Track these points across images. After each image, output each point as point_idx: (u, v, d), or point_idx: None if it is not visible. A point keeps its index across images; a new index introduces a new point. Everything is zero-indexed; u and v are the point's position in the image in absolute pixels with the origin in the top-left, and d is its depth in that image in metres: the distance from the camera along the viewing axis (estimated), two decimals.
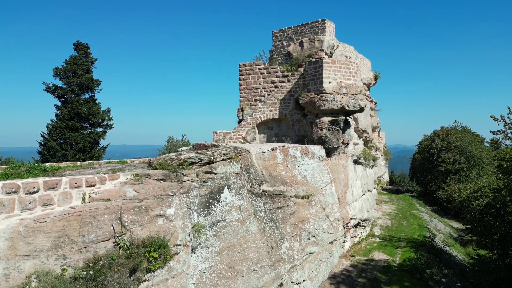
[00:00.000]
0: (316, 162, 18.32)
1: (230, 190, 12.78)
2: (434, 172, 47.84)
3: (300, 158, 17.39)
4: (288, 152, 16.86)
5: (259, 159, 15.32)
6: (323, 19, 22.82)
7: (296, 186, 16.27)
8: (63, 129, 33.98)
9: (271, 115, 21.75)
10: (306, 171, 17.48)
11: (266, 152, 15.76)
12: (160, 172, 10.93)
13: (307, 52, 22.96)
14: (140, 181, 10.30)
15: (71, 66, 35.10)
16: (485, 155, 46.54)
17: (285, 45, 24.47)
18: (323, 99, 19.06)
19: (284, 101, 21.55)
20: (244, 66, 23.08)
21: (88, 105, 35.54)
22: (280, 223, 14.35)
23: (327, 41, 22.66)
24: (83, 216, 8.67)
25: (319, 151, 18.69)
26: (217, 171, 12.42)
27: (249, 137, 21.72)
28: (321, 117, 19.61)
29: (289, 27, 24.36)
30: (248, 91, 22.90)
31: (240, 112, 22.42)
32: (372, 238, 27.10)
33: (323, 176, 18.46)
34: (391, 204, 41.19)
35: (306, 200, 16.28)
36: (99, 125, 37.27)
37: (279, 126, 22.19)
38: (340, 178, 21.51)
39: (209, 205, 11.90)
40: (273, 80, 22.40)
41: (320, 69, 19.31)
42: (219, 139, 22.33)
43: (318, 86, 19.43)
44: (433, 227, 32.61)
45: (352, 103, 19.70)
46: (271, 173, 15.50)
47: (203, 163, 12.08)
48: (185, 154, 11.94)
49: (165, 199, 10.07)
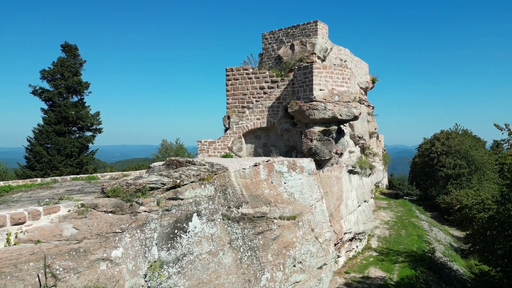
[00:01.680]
0: (305, 177, 16.46)
1: (201, 217, 10.95)
2: (434, 176, 45.90)
3: (287, 174, 15.55)
4: (273, 167, 15.02)
5: (239, 176, 13.49)
6: (315, 21, 20.92)
7: (281, 205, 14.43)
8: (49, 133, 32.30)
9: (258, 124, 19.88)
10: (294, 187, 15.63)
11: (247, 168, 13.92)
12: (112, 201, 9.11)
13: (298, 55, 21.10)
14: (84, 214, 8.50)
15: (59, 68, 33.45)
16: (486, 160, 44.58)
17: (275, 48, 22.61)
18: (313, 108, 17.19)
19: (273, 109, 19.67)
20: (231, 71, 21.22)
21: (76, 108, 33.86)
22: (260, 251, 12.51)
23: (319, 44, 20.78)
24: (0, 265, 6.89)
25: (308, 165, 16.83)
26: (184, 196, 10.59)
27: (235, 147, 19.87)
28: (311, 127, 17.72)
29: (279, 29, 22.50)
30: (236, 98, 21.06)
31: (226, 120, 20.57)
32: (368, 251, 25.25)
33: (313, 192, 16.61)
34: (389, 210, 39.29)
35: (293, 222, 14.44)
36: (88, 129, 35.61)
37: (268, 135, 20.32)
38: (333, 191, 19.66)
39: (174, 237, 10.08)
40: (261, 85, 20.55)
41: (310, 75, 17.42)
42: (203, 148, 20.50)
43: (307, 93, 17.55)
44: (433, 237, 30.74)
45: (345, 111, 17.83)
46: (253, 193, 13.67)
47: (166, 188, 10.26)
48: (145, 178, 10.11)
49: (111, 238, 8.25)
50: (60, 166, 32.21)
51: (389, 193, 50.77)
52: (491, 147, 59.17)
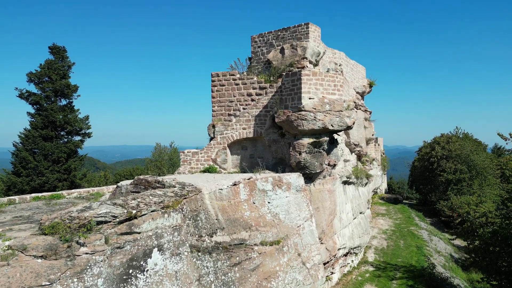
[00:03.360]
0: (292, 194, 14.76)
1: (163, 251, 9.28)
2: (434, 181, 44.07)
3: (272, 192, 13.84)
4: (255, 185, 13.32)
5: (215, 198, 11.81)
6: (307, 23, 19.19)
7: (263, 229, 12.74)
8: (36, 138, 30.74)
9: (244, 134, 18.17)
10: (279, 207, 13.93)
11: (225, 188, 12.23)
12: (46, 242, 7.45)
13: (289, 60, 19.37)
14: (7, 261, 6.83)
15: (46, 71, 31.87)
16: (487, 165, 42.72)
17: (265, 51, 20.88)
18: (301, 118, 15.47)
19: (260, 118, 17.97)
20: (217, 76, 19.52)
21: (64, 112, 32.29)
22: (236, 286, 10.85)
23: (311, 47, 19.04)
24: None
25: (296, 180, 15.12)
26: (142, 229, 8.93)
27: (219, 159, 18.19)
28: (300, 138, 16.00)
29: (269, 32, 20.74)
30: (221, 105, 19.36)
31: (211, 129, 18.86)
32: (364, 266, 23.52)
33: (301, 210, 14.90)
34: (388, 218, 37.52)
35: (276, 247, 12.75)
36: (77, 133, 34.02)
37: (255, 146, 18.62)
38: (325, 207, 17.95)
39: (128, 279, 8.41)
40: (249, 92, 18.85)
41: (298, 82, 15.70)
42: (186, 159, 18.81)
43: (296, 102, 15.83)
44: (433, 248, 28.98)
45: (337, 121, 16.10)
46: (230, 216, 11.99)
47: (119, 221, 8.60)
48: (93, 210, 8.45)
49: None
50: (46, 172, 30.63)
51: (388, 197, 49.01)
52: (492, 150, 57.31)
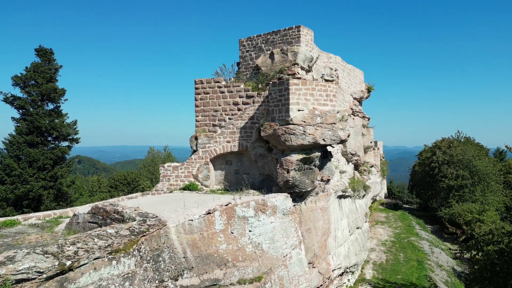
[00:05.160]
0: (278, 219, 12.91)
1: None
2: (435, 187, 42.05)
3: (254, 218, 12.00)
4: (234, 212, 11.47)
5: (183, 232, 9.97)
6: (298, 26, 17.28)
7: (242, 264, 10.90)
8: (20, 144, 28.99)
9: (228, 148, 16.31)
10: (262, 235, 12.08)
11: (196, 219, 10.39)
12: None
13: (279, 66, 17.49)
14: None
15: (31, 74, 30.12)
16: (490, 170, 40.70)
17: (253, 56, 18.99)
18: (289, 132, 13.60)
19: (245, 130, 16.10)
20: (201, 83, 17.65)
21: (50, 117, 30.53)
22: None
23: (302, 52, 17.15)
24: None
25: (283, 203, 13.26)
26: (79, 284, 7.11)
27: (201, 175, 16.33)
28: (288, 154, 14.12)
29: (258, 35, 18.85)
30: (206, 114, 17.51)
31: (194, 141, 16.99)
32: (362, 284, 21.65)
33: (289, 237, 13.05)
34: (387, 226, 35.59)
35: (257, 285, 10.92)
36: (64, 139, 32.23)
37: (240, 161, 16.74)
38: (318, 227, 16.08)
39: None
40: (235, 101, 16.98)
41: (286, 92, 13.81)
42: (166, 174, 16.98)
43: (283, 114, 13.95)
44: (434, 262, 27.05)
45: (329, 135, 14.22)
46: (202, 252, 10.15)
47: (47, 277, 6.80)
48: (15, 263, 6.64)
49: None
50: (31, 180, 28.89)
51: (388, 203, 47.08)
52: (494, 154, 55.18)
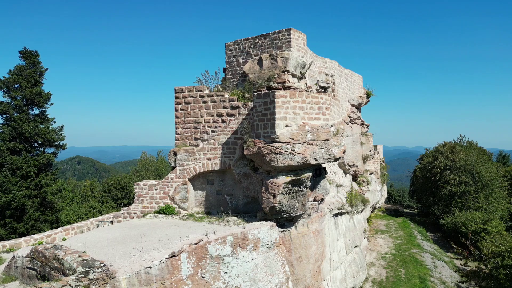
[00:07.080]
0: (261, 254, 10.96)
1: None
2: (437, 194, 40.00)
3: (231, 257, 10.05)
4: (206, 252, 9.53)
5: (138, 284, 8.04)
6: (288, 29, 15.28)
7: None
8: (2, 151, 27.13)
9: (209, 166, 14.35)
10: (241, 276, 10.14)
11: (156, 265, 8.44)
12: None
13: (267, 73, 15.51)
14: None
15: (15, 77, 28.28)
16: (494, 176, 38.59)
17: (240, 62, 17.02)
18: (275, 152, 11.64)
19: (228, 146, 14.15)
20: (181, 92, 15.68)
21: (34, 123, 28.65)
22: None
23: (294, 58, 15.16)
24: None
25: (267, 234, 11.30)
26: None
27: (178, 196, 14.39)
28: (275, 176, 12.14)
29: (245, 39, 16.87)
30: (187, 127, 15.56)
31: (172, 157, 15.06)
32: None
33: (274, 274, 11.10)
34: (387, 235, 33.55)
35: None
36: (50, 145, 30.33)
37: (223, 180, 14.77)
38: (310, 254, 14.11)
39: None
40: (219, 112, 15.02)
41: (272, 106, 11.84)
42: (141, 194, 15.04)
43: (269, 131, 11.99)
44: (437, 278, 25.04)
45: (322, 153, 12.23)
46: None
47: None
48: None
49: None
50: (14, 189, 27.01)
51: (388, 208, 45.08)
52: (497, 159, 53.02)
